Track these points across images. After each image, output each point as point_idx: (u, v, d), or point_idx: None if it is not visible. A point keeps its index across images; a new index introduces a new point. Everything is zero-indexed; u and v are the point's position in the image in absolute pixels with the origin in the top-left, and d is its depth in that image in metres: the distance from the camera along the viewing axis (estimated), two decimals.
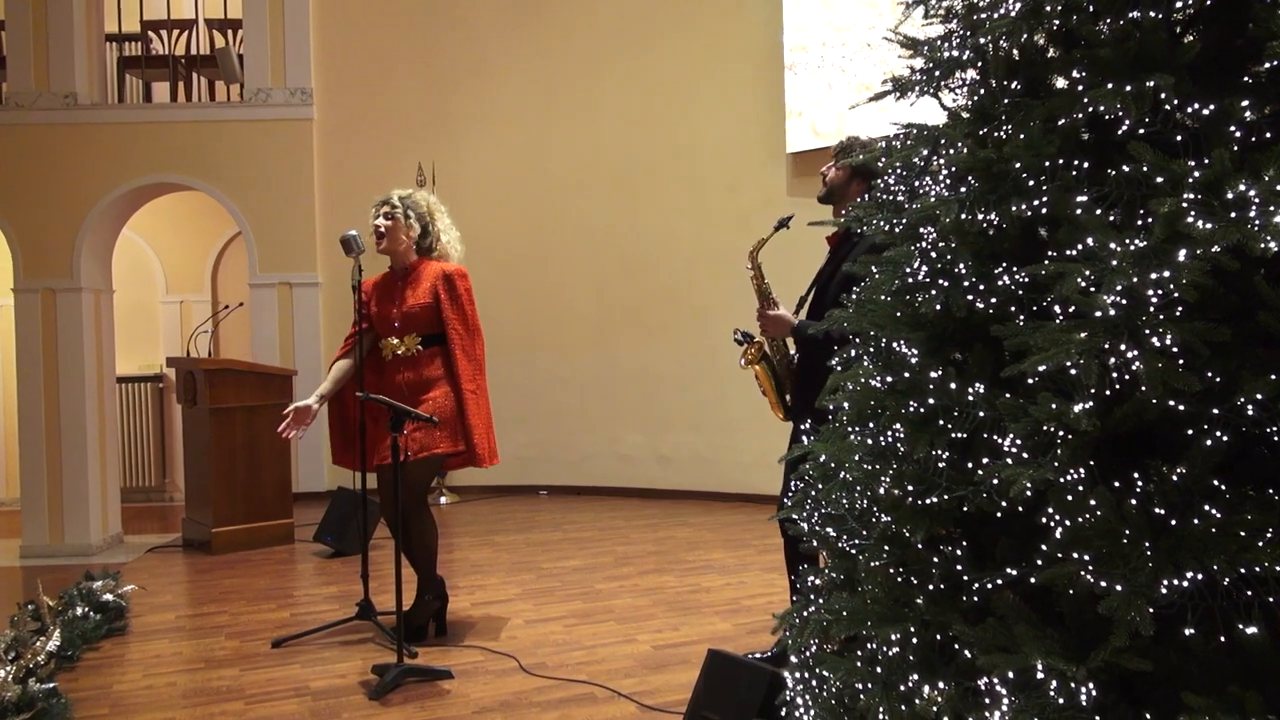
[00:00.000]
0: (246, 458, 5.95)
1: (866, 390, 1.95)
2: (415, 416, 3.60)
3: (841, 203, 3.26)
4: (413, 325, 3.96)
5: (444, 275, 3.98)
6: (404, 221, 3.97)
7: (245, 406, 5.94)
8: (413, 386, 3.93)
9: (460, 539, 6.16)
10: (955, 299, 1.77)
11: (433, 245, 4.05)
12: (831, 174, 3.28)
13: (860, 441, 1.94)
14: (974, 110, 1.84)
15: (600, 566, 5.33)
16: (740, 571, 5.14)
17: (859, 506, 1.96)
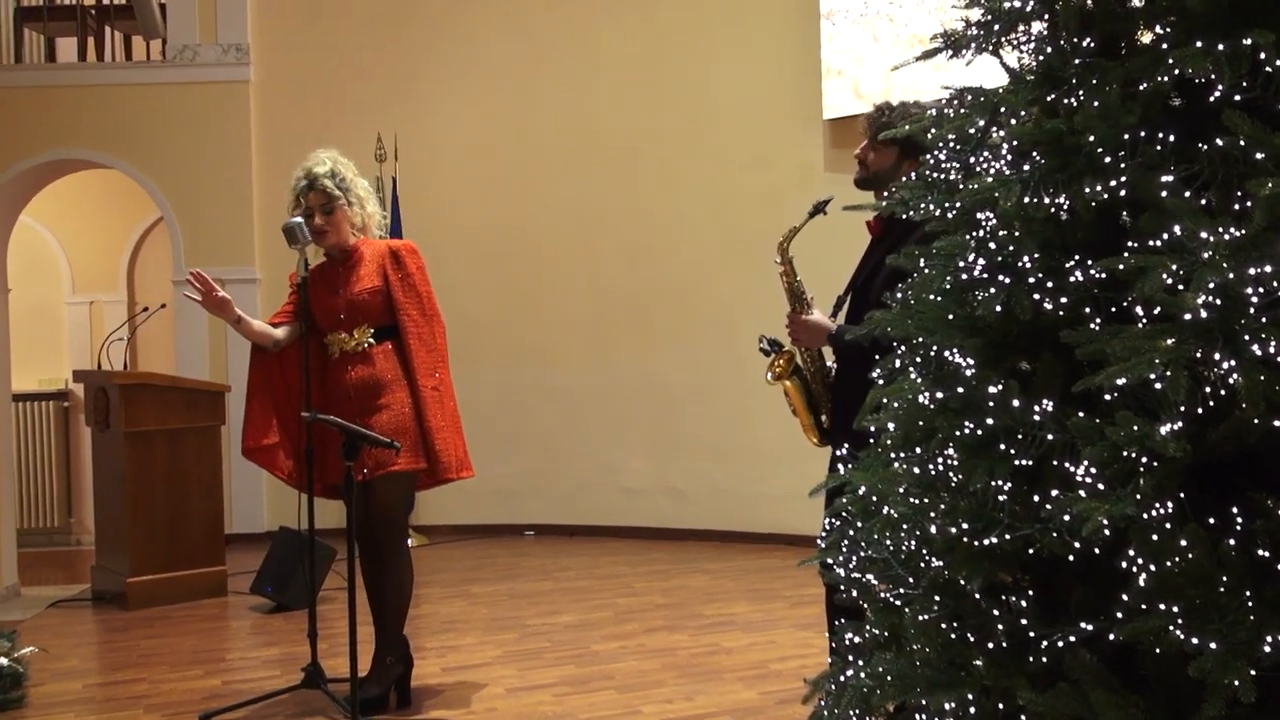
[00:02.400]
0: (169, 492, 5.98)
1: (913, 408, 1.97)
2: (373, 441, 3.61)
3: (888, 186, 3.25)
4: (361, 315, 4.00)
5: (390, 253, 4.03)
6: (347, 210, 4.01)
7: (167, 430, 5.97)
8: (364, 388, 3.96)
9: (429, 589, 6.18)
10: (1018, 298, 1.79)
11: (363, 220, 4.09)
12: (873, 157, 3.28)
13: (906, 470, 1.96)
14: (1040, 72, 1.87)
15: (598, 623, 5.34)
16: (769, 629, 5.13)
17: (905, 548, 1.98)
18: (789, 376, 3.35)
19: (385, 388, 3.95)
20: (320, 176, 3.98)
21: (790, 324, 3.35)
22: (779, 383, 3.36)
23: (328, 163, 4.02)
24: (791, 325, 3.34)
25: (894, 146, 3.19)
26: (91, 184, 8.43)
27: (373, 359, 3.97)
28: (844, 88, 6.72)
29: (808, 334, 3.32)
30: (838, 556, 2.18)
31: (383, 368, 3.97)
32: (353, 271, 4.02)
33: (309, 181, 4.00)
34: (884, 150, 3.24)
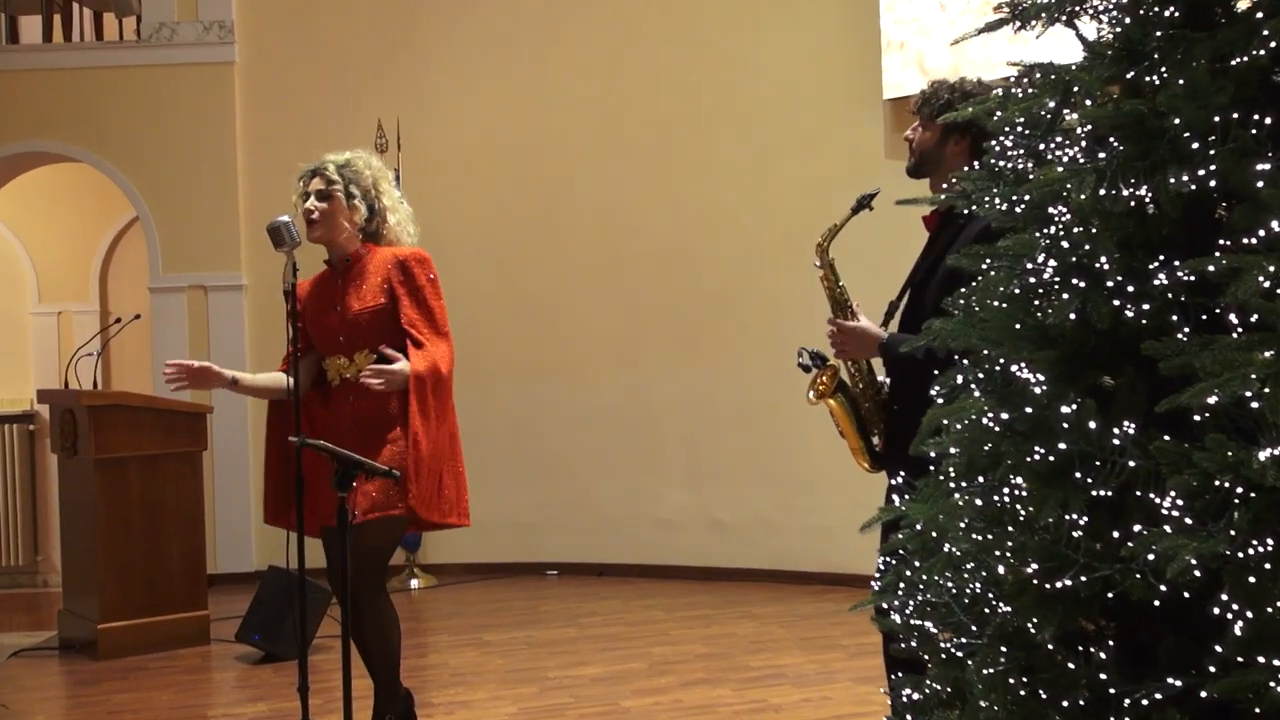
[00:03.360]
0: (145, 527, 6.00)
1: (977, 431, 1.97)
2: (370, 469, 3.58)
3: (940, 172, 3.28)
4: (362, 337, 3.99)
5: (398, 263, 4.01)
6: (345, 201, 3.99)
7: (143, 456, 6.00)
8: (369, 422, 3.95)
9: (437, 637, 6.17)
10: (1095, 305, 1.79)
11: (379, 229, 4.07)
12: (919, 135, 3.31)
13: (969, 502, 1.95)
14: (1119, 45, 1.87)
15: (629, 675, 5.33)
16: (824, 683, 5.09)
17: (969, 591, 1.98)
18: (833, 394, 3.35)
19: (392, 421, 3.94)
20: (328, 163, 4.01)
21: (834, 334, 3.34)
22: (822, 402, 3.36)
23: (346, 155, 4.06)
24: (835, 336, 3.34)
25: (937, 120, 3.24)
26: (59, 180, 8.47)
27: (376, 390, 3.93)
28: (906, 62, 6.70)
29: (854, 344, 3.32)
30: (894, 600, 2.18)
31: (388, 400, 3.94)
32: (353, 285, 4.02)
33: (315, 168, 4.03)
34: (929, 126, 3.29)
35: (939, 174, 3.27)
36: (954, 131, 3.23)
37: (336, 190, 3.97)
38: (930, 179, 3.31)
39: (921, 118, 3.31)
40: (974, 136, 3.20)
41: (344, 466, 3.50)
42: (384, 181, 4.09)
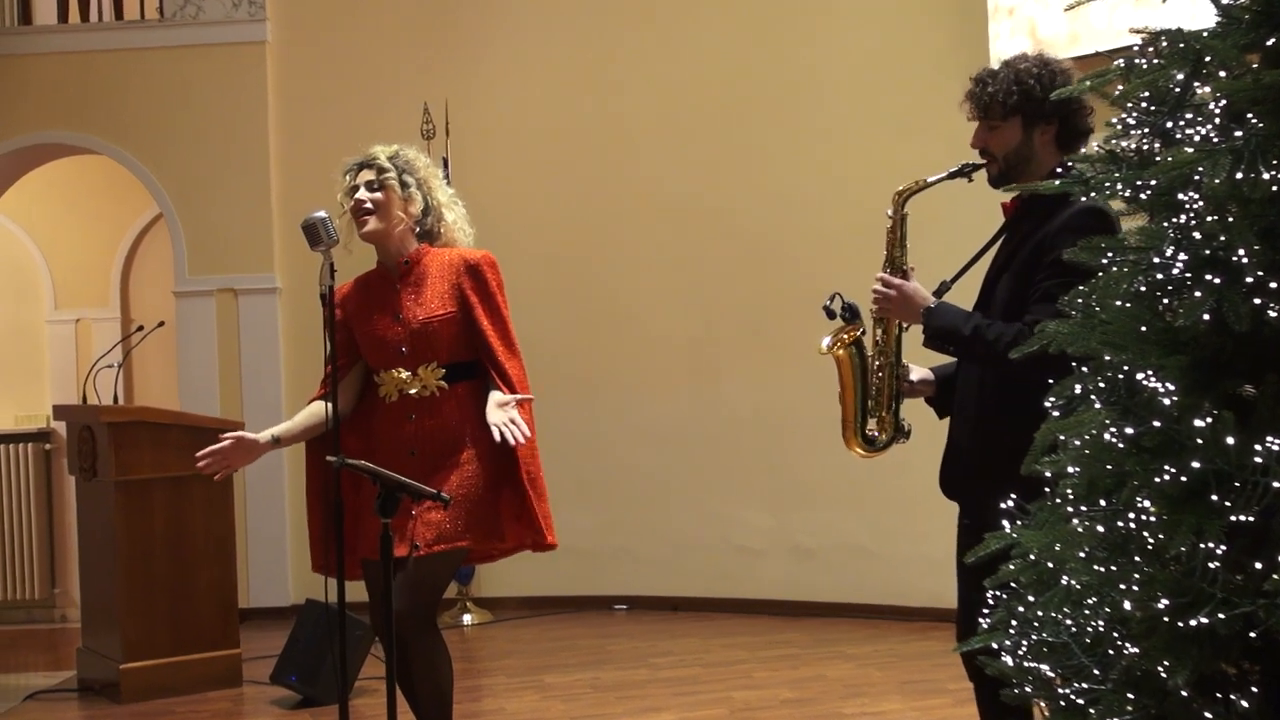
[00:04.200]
0: (171, 557, 6.05)
1: (1098, 448, 1.95)
2: (415, 492, 3.56)
3: (1031, 169, 3.31)
4: (430, 349, 3.99)
5: (469, 267, 4.02)
6: (399, 192, 4.00)
7: (168, 478, 6.03)
8: (432, 444, 3.94)
9: (492, 679, 6.19)
10: (1232, 303, 1.77)
11: (436, 227, 4.10)
12: (995, 138, 3.32)
13: (1089, 529, 1.94)
14: (1258, 9, 1.84)
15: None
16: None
17: (1090, 630, 1.96)
18: (846, 347, 3.45)
19: (459, 443, 3.94)
20: (377, 152, 4.04)
21: (878, 289, 3.39)
22: (832, 354, 3.45)
23: (396, 146, 4.10)
24: (880, 291, 3.39)
25: (1015, 117, 3.27)
26: (75, 174, 8.53)
27: (442, 407, 3.96)
28: (1016, 30, 6.64)
29: (899, 303, 3.36)
30: (1005, 640, 2.17)
31: (457, 419, 3.95)
32: (415, 291, 4.01)
33: (362, 160, 4.05)
34: (1004, 126, 3.31)
35: (1030, 172, 3.30)
36: (1038, 119, 3.26)
37: (390, 179, 3.97)
38: (1020, 181, 3.32)
39: (988, 120, 3.32)
40: (1062, 118, 3.25)
41: (387, 489, 3.50)
42: (434, 177, 4.12)
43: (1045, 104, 3.21)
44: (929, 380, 3.53)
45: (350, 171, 4.03)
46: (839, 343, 3.44)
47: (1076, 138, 3.27)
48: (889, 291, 3.35)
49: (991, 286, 3.33)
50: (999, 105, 3.27)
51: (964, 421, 3.40)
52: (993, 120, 3.30)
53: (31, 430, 8.55)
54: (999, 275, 3.31)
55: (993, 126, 3.30)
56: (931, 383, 3.53)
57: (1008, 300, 3.23)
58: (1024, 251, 3.22)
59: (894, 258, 3.43)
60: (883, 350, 3.45)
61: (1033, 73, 3.23)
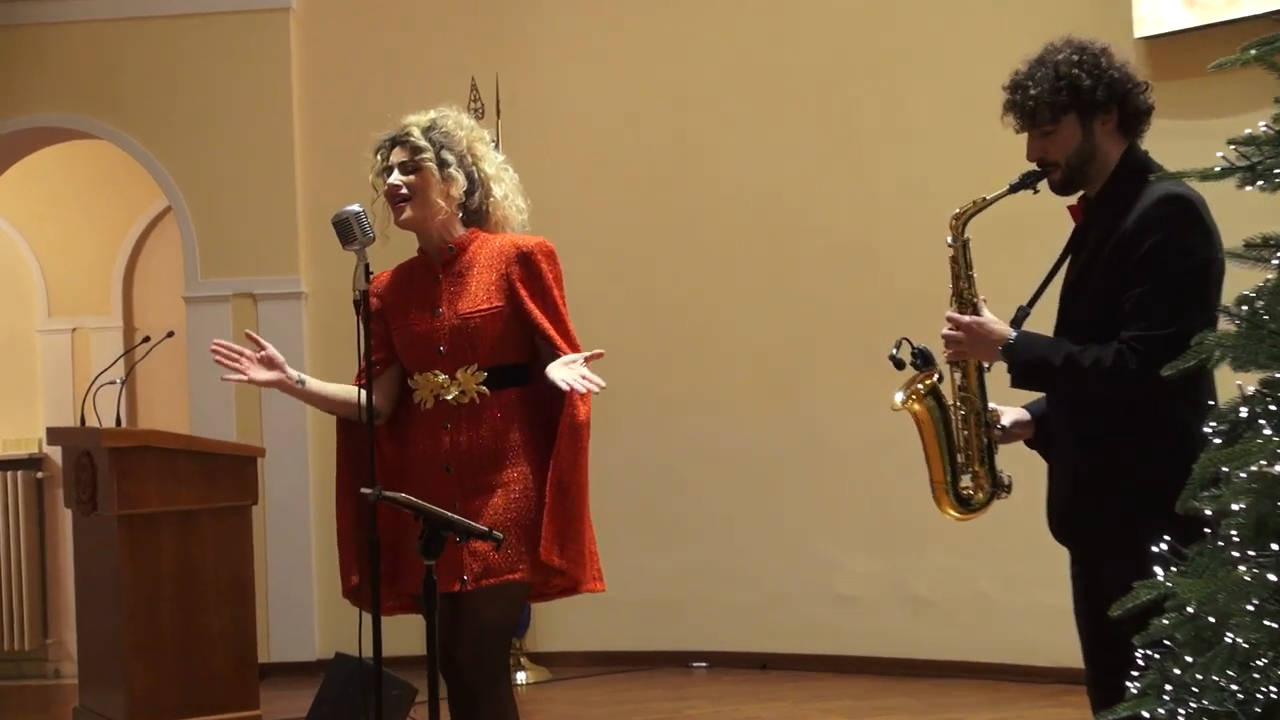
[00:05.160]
0: (182, 602, 6.08)
1: (1268, 482, 1.94)
2: (465, 530, 3.60)
3: (1096, 168, 3.38)
4: (470, 348, 4.01)
5: (520, 255, 4.05)
6: (437, 173, 4.02)
7: (178, 513, 6.07)
8: (471, 458, 3.97)
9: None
10: None
11: (484, 205, 4.12)
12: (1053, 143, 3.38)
13: (1258, 577, 1.93)
14: None
15: None
16: None
17: (1261, 695, 1.94)
18: (923, 400, 3.50)
19: (503, 459, 3.97)
20: (411, 126, 4.05)
21: (950, 332, 3.43)
22: (908, 408, 3.51)
23: (431, 115, 4.11)
24: (951, 332, 3.43)
25: (1068, 115, 3.34)
26: (71, 162, 8.59)
27: (484, 415, 3.98)
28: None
29: (973, 341, 3.41)
30: (1158, 707, 2.17)
31: (501, 429, 3.98)
32: (460, 282, 4.05)
33: (394, 135, 4.07)
34: (1058, 129, 3.38)
35: (1097, 169, 3.39)
36: (1095, 111, 3.33)
37: (425, 159, 3.98)
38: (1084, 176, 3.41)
39: (1039, 127, 3.40)
40: (1120, 102, 3.34)
41: (431, 526, 3.52)
42: (480, 144, 4.12)
43: (1097, 92, 3.30)
44: (1024, 421, 3.56)
45: (381, 149, 4.07)
46: (913, 395, 3.50)
47: (1139, 119, 3.38)
48: (959, 332, 3.41)
49: (1071, 302, 3.39)
50: (1047, 108, 3.36)
51: (1062, 456, 3.45)
52: (1044, 126, 3.38)
53: (21, 456, 8.58)
54: (1077, 288, 3.38)
55: (1046, 132, 3.38)
56: (1028, 423, 3.56)
57: (1092, 315, 3.29)
58: (1103, 256, 3.28)
59: (960, 291, 3.51)
60: (965, 397, 3.51)
61: (1073, 61, 3.31)
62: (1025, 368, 3.31)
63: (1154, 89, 6.87)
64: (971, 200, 3.55)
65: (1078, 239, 3.43)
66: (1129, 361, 3.14)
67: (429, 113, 4.11)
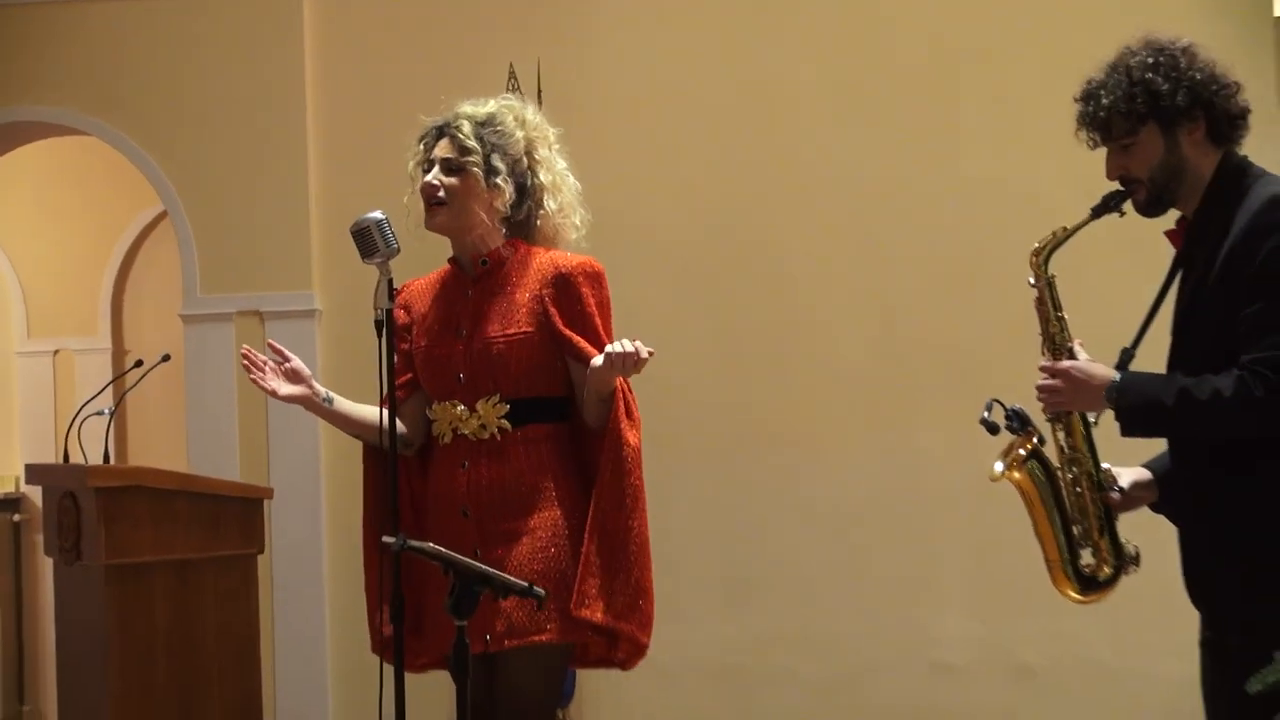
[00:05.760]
0: (178, 665, 6.08)
1: None
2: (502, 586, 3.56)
3: (1188, 182, 3.39)
4: (491, 377, 4.05)
5: (556, 275, 4.07)
6: (482, 180, 4.06)
7: (174, 562, 6.07)
8: (492, 500, 4.01)
9: None
10: None
11: (531, 217, 4.17)
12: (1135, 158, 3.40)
13: None
14: None
15: None
16: None
17: None
18: (1021, 465, 3.57)
19: (529, 503, 4.01)
20: (463, 119, 4.08)
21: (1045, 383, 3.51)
22: (1007, 478, 3.59)
23: (491, 106, 4.15)
24: (1046, 384, 3.50)
25: (1147, 125, 3.39)
26: (55, 161, 8.63)
27: (507, 453, 4.03)
28: None
29: (1071, 389, 3.45)
30: None
31: (525, 469, 4.02)
32: (490, 301, 4.09)
33: (444, 124, 4.10)
34: (1138, 142, 3.42)
35: (1188, 184, 3.42)
36: (1178, 119, 3.37)
37: (471, 163, 4.02)
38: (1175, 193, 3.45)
39: (1117, 140, 3.44)
40: (1206, 107, 3.37)
41: (463, 581, 3.51)
42: (542, 145, 4.17)
43: (1177, 97, 3.35)
44: (1145, 482, 3.59)
45: (427, 138, 4.11)
46: (1013, 462, 3.56)
47: (1232, 124, 3.42)
48: (1055, 381, 3.47)
49: (1183, 335, 3.40)
50: (1123, 119, 3.41)
51: (1182, 514, 3.50)
52: (1122, 139, 3.42)
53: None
54: (1188, 318, 3.39)
55: (1125, 146, 3.43)
56: (1150, 484, 3.59)
57: (1211, 345, 3.29)
58: (1213, 277, 3.29)
59: (1051, 335, 3.58)
60: (1073, 458, 3.57)
61: (1148, 64, 3.38)
62: (1134, 412, 3.33)
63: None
64: (1051, 232, 3.61)
65: (1182, 264, 3.46)
66: (1253, 389, 3.14)
67: (489, 103, 4.15)
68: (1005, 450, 3.59)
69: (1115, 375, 3.38)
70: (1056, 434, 3.56)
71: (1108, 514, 3.56)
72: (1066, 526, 3.56)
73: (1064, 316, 3.59)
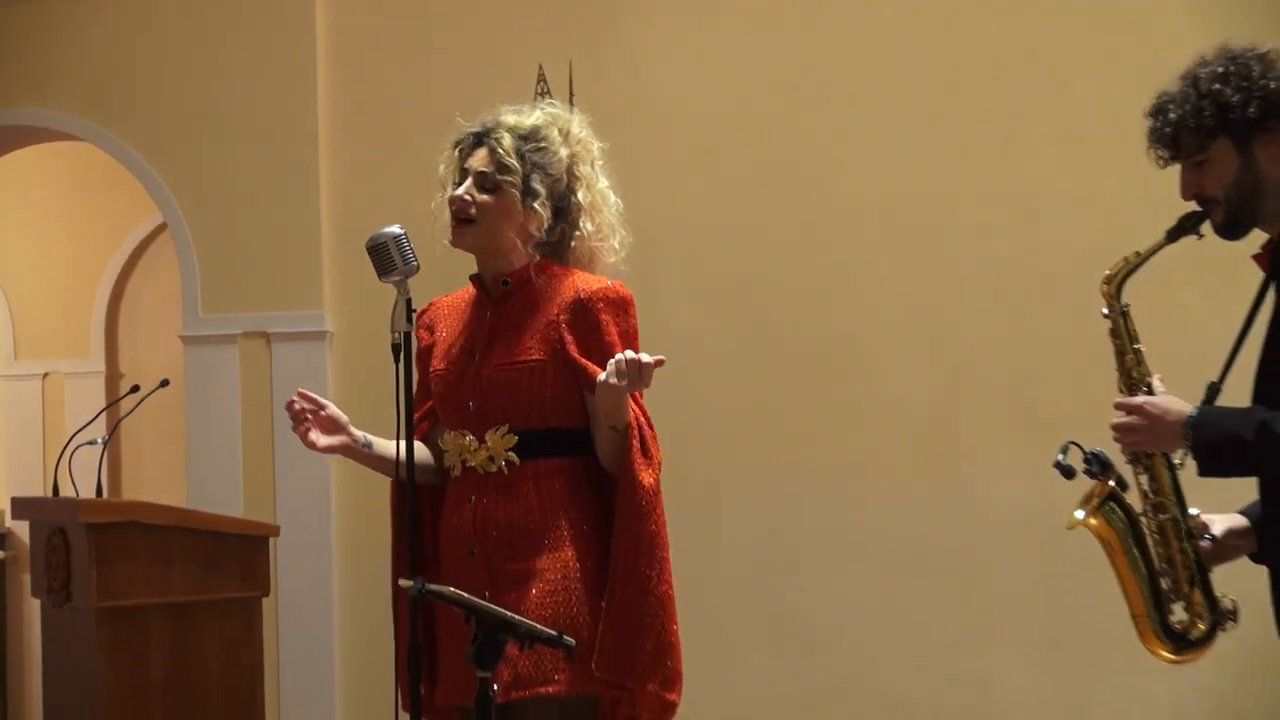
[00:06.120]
0: (175, 714, 6.05)
1: None
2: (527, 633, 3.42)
3: (1266, 199, 3.35)
4: (501, 407, 4.02)
5: (576, 300, 4.05)
6: (519, 203, 4.01)
7: (172, 605, 6.04)
8: (501, 543, 3.99)
9: None
10: None
11: (565, 238, 4.14)
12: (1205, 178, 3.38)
13: None
14: None
15: None
16: None
17: None
18: (1099, 509, 3.54)
19: (540, 542, 3.97)
20: (503, 131, 4.01)
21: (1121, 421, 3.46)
22: (1086, 524, 3.56)
23: (536, 117, 4.08)
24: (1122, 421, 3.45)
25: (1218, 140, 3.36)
26: (45, 169, 8.60)
27: (517, 489, 3.99)
28: None
29: (1151, 429, 3.40)
30: None
31: (535, 506, 3.98)
32: (508, 323, 4.07)
33: (483, 131, 4.03)
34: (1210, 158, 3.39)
35: (1269, 205, 3.39)
36: (1252, 131, 3.33)
37: (509, 183, 3.97)
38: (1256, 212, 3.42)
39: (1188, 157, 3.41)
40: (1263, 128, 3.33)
41: (486, 629, 3.41)
42: (584, 162, 4.11)
43: (1249, 109, 3.31)
44: (1241, 529, 3.54)
45: (463, 144, 4.05)
46: (1092, 508, 3.54)
47: None
48: (1130, 419, 3.42)
49: (1274, 366, 3.38)
50: (1191, 134, 3.38)
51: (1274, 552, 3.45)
52: (1193, 155, 3.40)
53: None
54: (1276, 346, 3.38)
55: (1197, 163, 3.39)
56: (1247, 531, 3.53)
57: None
58: None
59: (1127, 369, 3.56)
60: (1157, 503, 3.54)
61: (1217, 75, 3.35)
62: (1210, 449, 3.29)
63: None
64: (1123, 257, 3.59)
65: (1269, 288, 3.44)
66: None
67: (534, 114, 4.09)
68: (1086, 496, 3.54)
69: (1190, 409, 3.35)
70: (1139, 478, 3.52)
71: (1199, 565, 3.51)
72: (1153, 579, 3.53)
73: (1141, 349, 3.57)
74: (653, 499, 3.92)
